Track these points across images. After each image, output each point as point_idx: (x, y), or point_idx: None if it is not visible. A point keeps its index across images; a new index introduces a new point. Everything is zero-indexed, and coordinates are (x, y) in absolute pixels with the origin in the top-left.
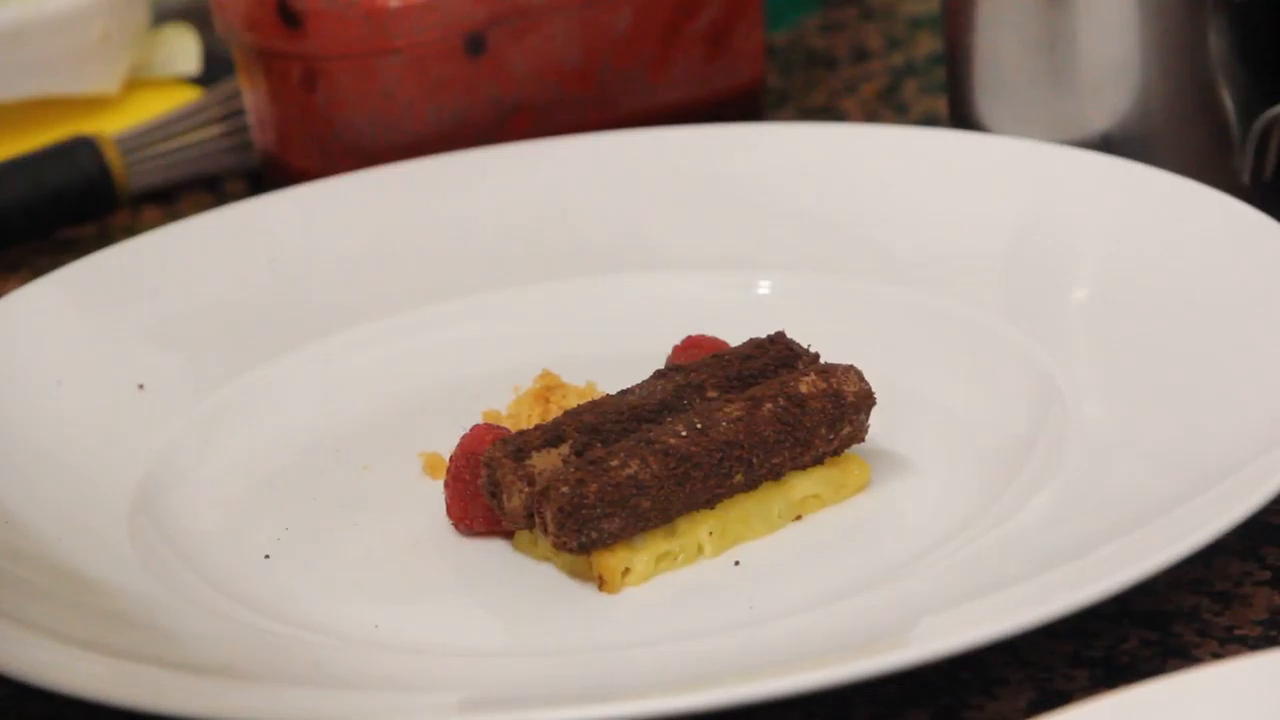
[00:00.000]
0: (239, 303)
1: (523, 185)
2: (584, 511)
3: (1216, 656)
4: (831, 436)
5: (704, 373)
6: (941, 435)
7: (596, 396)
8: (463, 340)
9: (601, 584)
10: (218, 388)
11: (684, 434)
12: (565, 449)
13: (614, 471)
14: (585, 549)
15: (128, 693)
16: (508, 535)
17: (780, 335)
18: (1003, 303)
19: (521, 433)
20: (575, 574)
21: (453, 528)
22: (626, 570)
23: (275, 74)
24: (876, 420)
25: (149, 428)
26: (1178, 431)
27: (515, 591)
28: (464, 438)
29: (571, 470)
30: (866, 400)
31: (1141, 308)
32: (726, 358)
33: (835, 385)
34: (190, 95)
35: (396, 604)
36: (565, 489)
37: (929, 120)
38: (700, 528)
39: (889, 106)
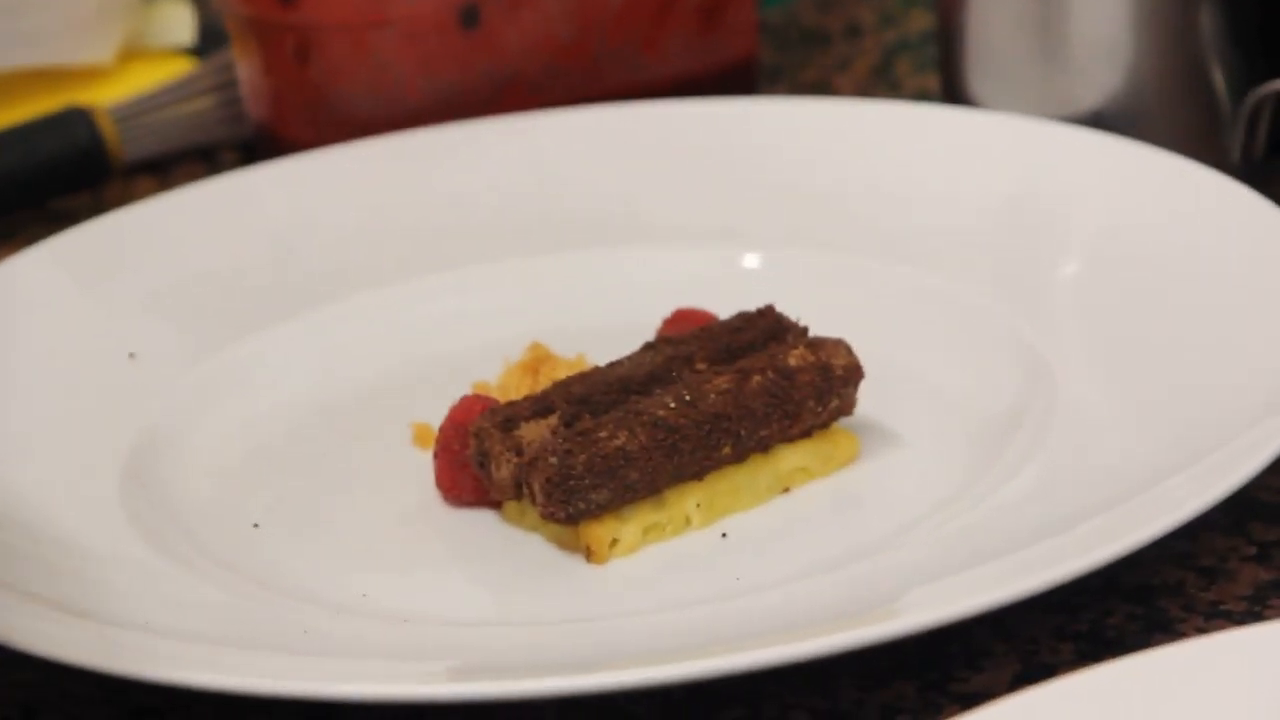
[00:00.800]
0: (231, 273)
1: (515, 158)
2: (572, 482)
3: (1201, 631)
4: (820, 409)
5: (693, 345)
6: (930, 409)
7: (586, 368)
8: (454, 312)
9: (589, 555)
10: (209, 357)
11: (672, 406)
12: (554, 420)
13: (602, 443)
14: (573, 520)
15: (117, 659)
16: (496, 506)
17: (769, 309)
18: (992, 278)
19: (510, 403)
20: (563, 545)
21: (441, 498)
22: (614, 541)
23: (269, 45)
24: (865, 394)
25: (141, 396)
26: (1164, 407)
27: (503, 562)
28: (453, 408)
29: (560, 441)
30: (855, 374)
31: (1130, 284)
32: (715, 330)
33: (824, 358)
34: (184, 66)
35: (385, 573)
36: (553, 460)
37: (922, 97)
38: (688, 499)
39: (882, 83)
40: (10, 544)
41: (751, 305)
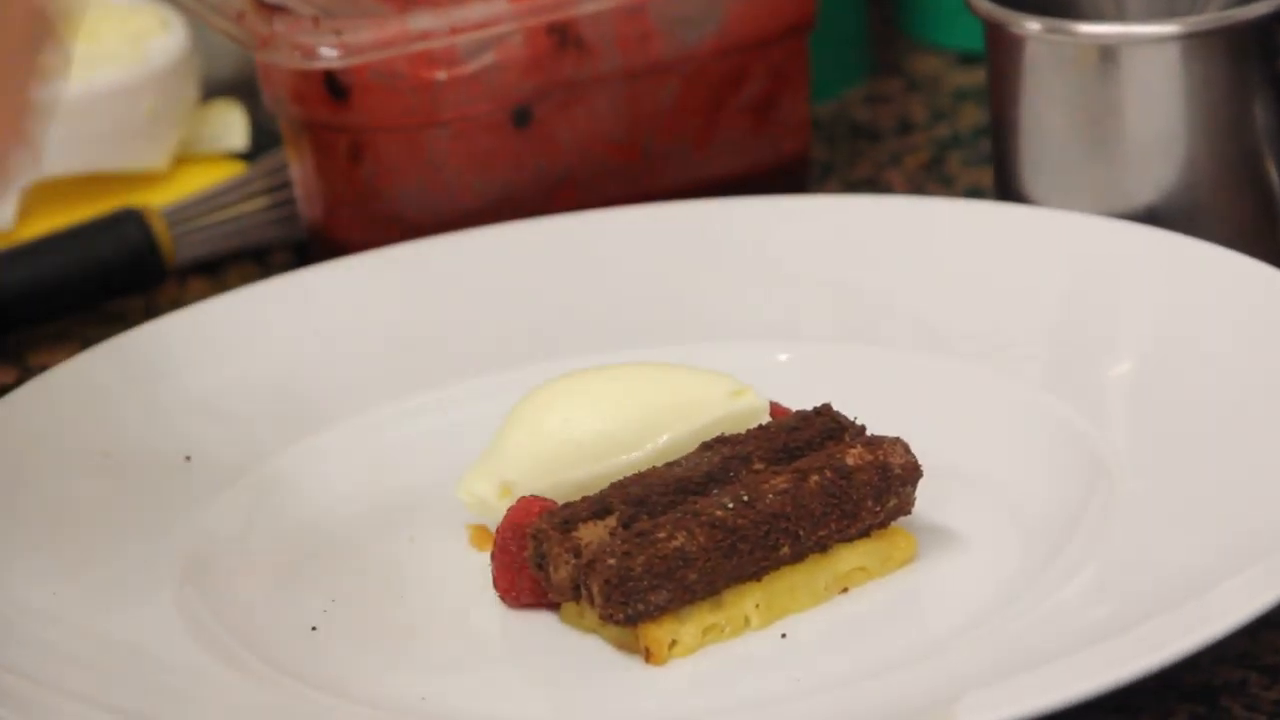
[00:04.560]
0: (285, 374)
1: (569, 258)
2: (631, 584)
3: None
4: (878, 509)
5: (750, 445)
6: (987, 508)
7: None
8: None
9: (648, 656)
10: (265, 459)
11: (730, 506)
12: (612, 521)
13: (661, 544)
14: (632, 621)
15: None
16: (554, 607)
17: (827, 407)
18: (1048, 375)
19: (568, 505)
20: (622, 646)
21: (499, 599)
22: (673, 642)
23: (322, 146)
24: (923, 493)
25: (196, 499)
26: (1223, 505)
27: (562, 663)
28: (511, 510)
29: (618, 542)
30: (913, 473)
31: (1186, 381)
32: (773, 429)
33: (882, 457)
34: (237, 169)
35: (443, 675)
36: (612, 561)
37: (974, 193)
38: (747, 600)
39: (934, 179)
40: (65, 648)
41: (806, 403)
